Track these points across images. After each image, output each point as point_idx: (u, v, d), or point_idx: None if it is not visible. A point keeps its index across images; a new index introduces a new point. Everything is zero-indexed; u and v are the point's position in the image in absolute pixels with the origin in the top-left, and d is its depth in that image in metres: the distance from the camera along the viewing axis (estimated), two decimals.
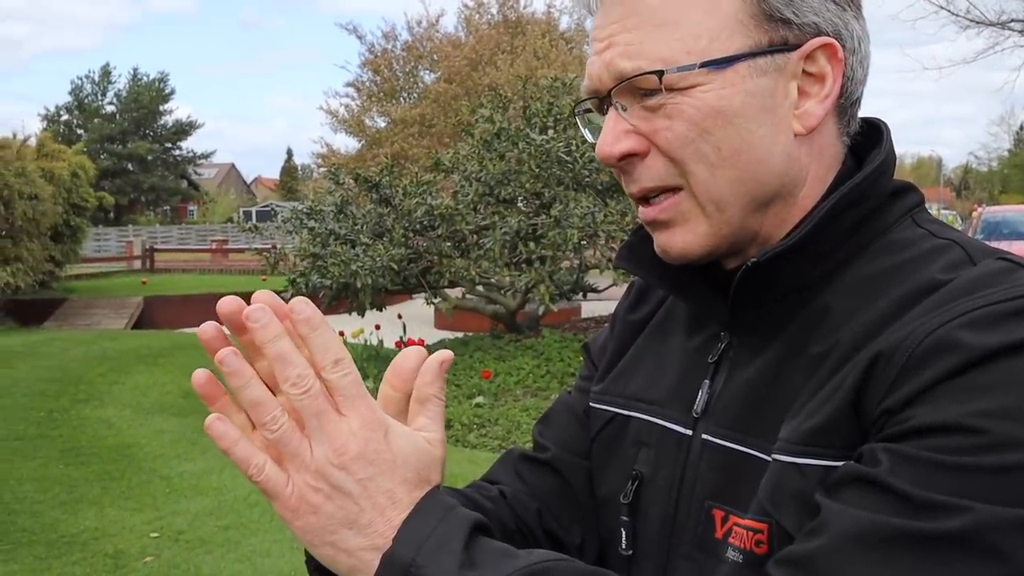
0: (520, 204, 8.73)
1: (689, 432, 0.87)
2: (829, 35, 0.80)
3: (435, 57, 19.09)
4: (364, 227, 8.72)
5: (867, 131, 0.88)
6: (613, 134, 0.80)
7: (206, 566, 4.67)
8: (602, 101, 0.83)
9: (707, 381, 0.87)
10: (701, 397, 0.87)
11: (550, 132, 8.01)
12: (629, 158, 0.80)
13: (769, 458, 0.78)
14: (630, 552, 0.91)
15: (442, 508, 0.69)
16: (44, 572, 4.61)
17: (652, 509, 0.90)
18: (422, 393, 0.74)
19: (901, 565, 0.64)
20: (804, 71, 0.80)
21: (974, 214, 13.39)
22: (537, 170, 7.93)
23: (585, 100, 0.87)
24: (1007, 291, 0.71)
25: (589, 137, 0.90)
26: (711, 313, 0.89)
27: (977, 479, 0.64)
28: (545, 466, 1.02)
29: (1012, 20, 14.41)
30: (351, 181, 9.29)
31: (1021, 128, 64.40)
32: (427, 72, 20.07)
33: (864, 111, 0.88)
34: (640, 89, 0.79)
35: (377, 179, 8.76)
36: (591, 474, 1.00)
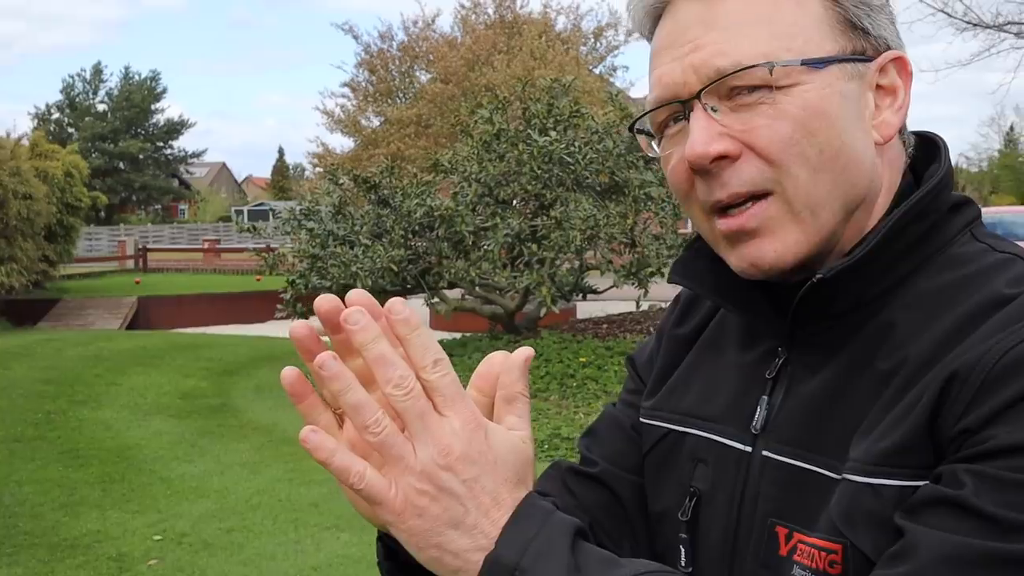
0: (518, 205, 8.73)
1: (748, 449, 0.86)
2: (899, 49, 0.82)
3: (431, 57, 19.06)
4: (363, 228, 8.70)
5: (920, 145, 0.88)
6: (707, 134, 0.78)
7: (211, 569, 4.66)
8: (684, 106, 0.80)
9: (765, 397, 0.86)
10: (760, 413, 0.86)
11: (552, 133, 8.00)
12: (719, 161, 0.78)
13: (833, 475, 0.77)
14: (690, 570, 0.90)
15: (543, 512, 0.70)
16: None
17: (712, 526, 0.89)
18: (509, 392, 0.74)
19: None
20: (877, 84, 0.81)
21: None
22: (539, 171, 7.92)
23: (655, 110, 0.84)
24: None
25: (655, 151, 0.87)
26: (769, 328, 0.88)
27: None
28: (594, 480, 1.01)
29: (1008, 22, 14.49)
30: (349, 181, 9.27)
31: (1011, 129, 64.75)
32: (423, 72, 20.05)
33: None
34: (735, 88, 0.77)
35: (377, 180, 8.74)
36: (642, 489, 0.99)
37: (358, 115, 19.84)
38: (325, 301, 0.69)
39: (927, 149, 0.87)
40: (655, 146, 0.88)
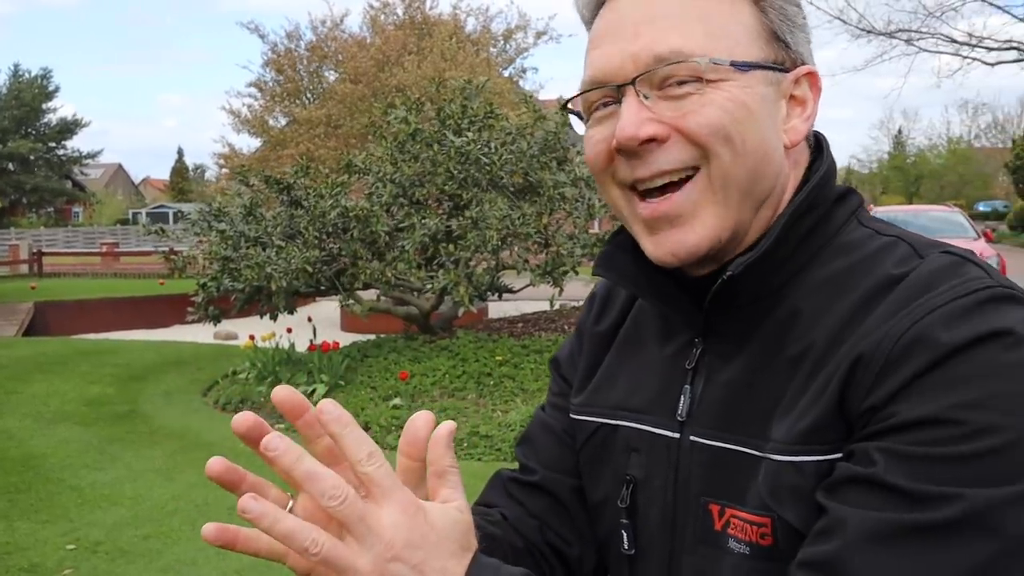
0: (434, 206, 8.75)
1: (677, 435, 0.94)
2: (812, 65, 0.91)
3: (340, 57, 18.87)
4: (275, 229, 8.60)
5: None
6: (639, 118, 0.84)
7: None
8: (618, 91, 0.87)
9: (687, 386, 0.94)
10: (683, 402, 0.94)
11: (468, 134, 8.05)
12: (648, 144, 0.85)
13: (757, 453, 0.85)
14: (632, 551, 0.98)
15: (492, 568, 0.76)
16: None
17: (651, 510, 0.96)
18: (438, 467, 0.79)
19: (909, 556, 0.72)
20: (791, 94, 0.90)
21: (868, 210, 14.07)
22: (454, 171, 7.96)
23: (589, 91, 0.90)
24: (965, 285, 0.78)
25: (580, 129, 0.95)
26: (685, 321, 0.96)
27: (963, 466, 0.72)
28: (535, 487, 1.09)
29: (899, 30, 15.21)
30: (260, 183, 9.14)
31: (899, 132, 67.61)
32: (332, 72, 19.82)
33: None
34: (667, 78, 0.85)
35: (289, 181, 8.64)
36: (580, 489, 1.07)
37: (265, 115, 19.50)
38: (242, 421, 0.73)
39: (815, 148, 0.96)
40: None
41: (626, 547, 0.99)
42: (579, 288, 12.13)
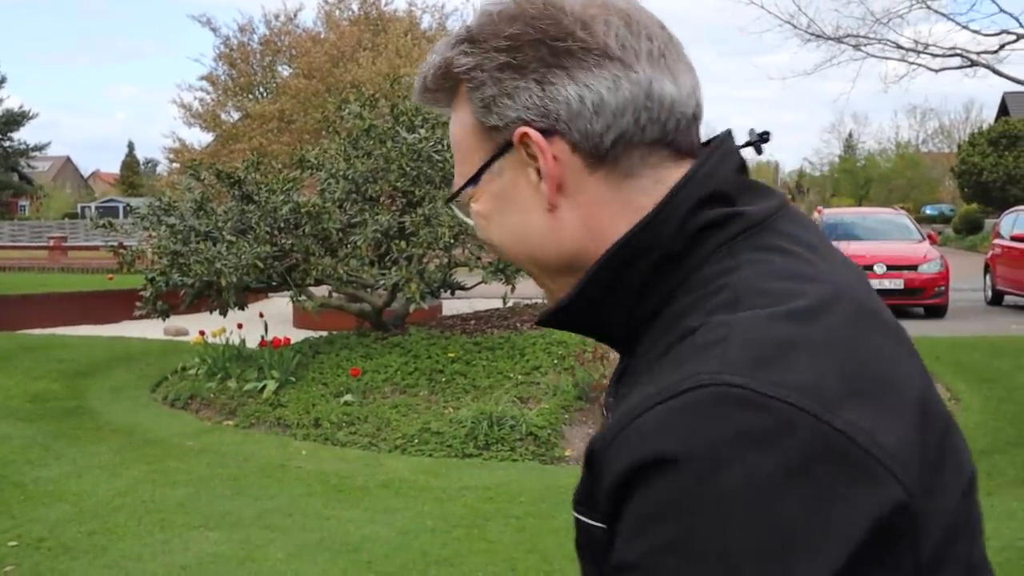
0: (386, 203, 8.75)
1: None
2: (528, 122, 0.82)
3: (294, 52, 18.75)
4: (226, 224, 8.53)
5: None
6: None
7: (73, 572, 4.52)
8: None
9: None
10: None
11: (421, 131, 8.06)
12: None
13: None
14: None
15: None
16: None
17: None
18: None
19: None
20: (531, 156, 0.83)
21: (816, 216, 14.35)
22: (407, 168, 7.97)
23: None
24: (687, 377, 0.68)
25: None
26: None
27: None
28: None
29: (847, 35, 15.55)
30: (212, 177, 9.05)
31: (850, 136, 68.82)
32: (285, 67, 19.69)
33: (708, 115, 0.92)
34: None
35: (241, 175, 8.58)
36: None
37: (217, 109, 19.30)
38: None
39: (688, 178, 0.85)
40: None
41: None
42: (533, 287, 12.20)
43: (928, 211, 51.40)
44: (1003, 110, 44.39)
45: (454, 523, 5.15)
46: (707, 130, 0.92)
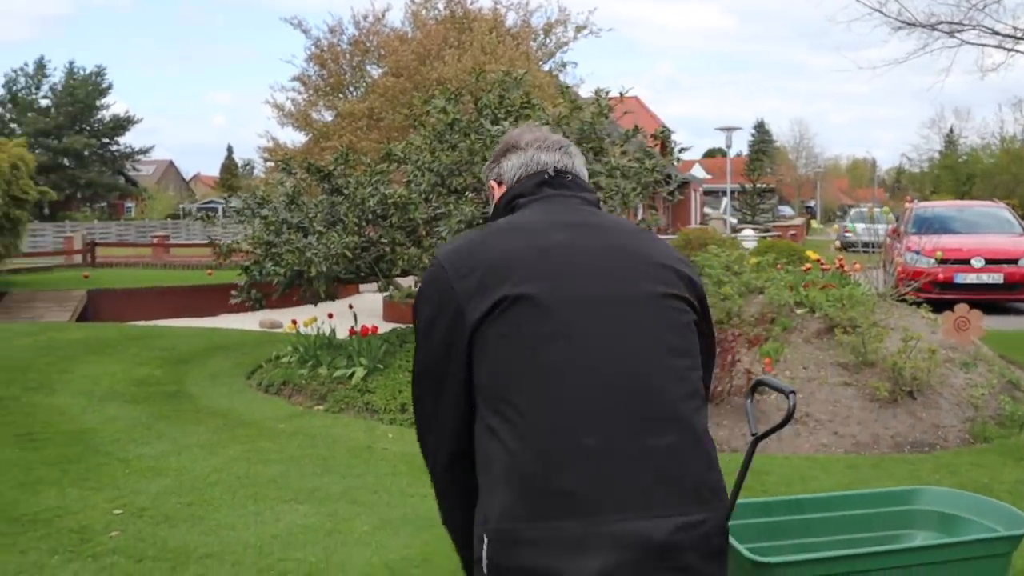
0: (470, 195, 8.89)
1: None
2: (493, 180, 2.32)
3: (382, 52, 19.12)
4: (317, 216, 8.81)
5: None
6: None
7: (172, 539, 4.77)
8: None
9: None
10: None
11: (505, 123, 8.19)
12: None
13: None
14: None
15: None
16: (9, 548, 4.65)
17: None
18: None
19: None
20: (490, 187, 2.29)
21: (907, 206, 13.98)
22: None
23: None
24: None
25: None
26: None
27: None
28: None
29: (940, 22, 15.07)
30: (303, 171, 9.36)
31: (951, 131, 66.45)
32: (374, 66, 20.09)
33: (804, 112, 0.98)
34: None
35: (330, 169, 8.84)
36: None
37: (309, 109, 19.82)
38: None
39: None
40: None
41: None
42: None
43: None
44: None
45: None
46: (799, 127, 1.02)
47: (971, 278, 13.18)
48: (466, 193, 8.63)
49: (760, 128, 77.21)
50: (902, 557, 3.02)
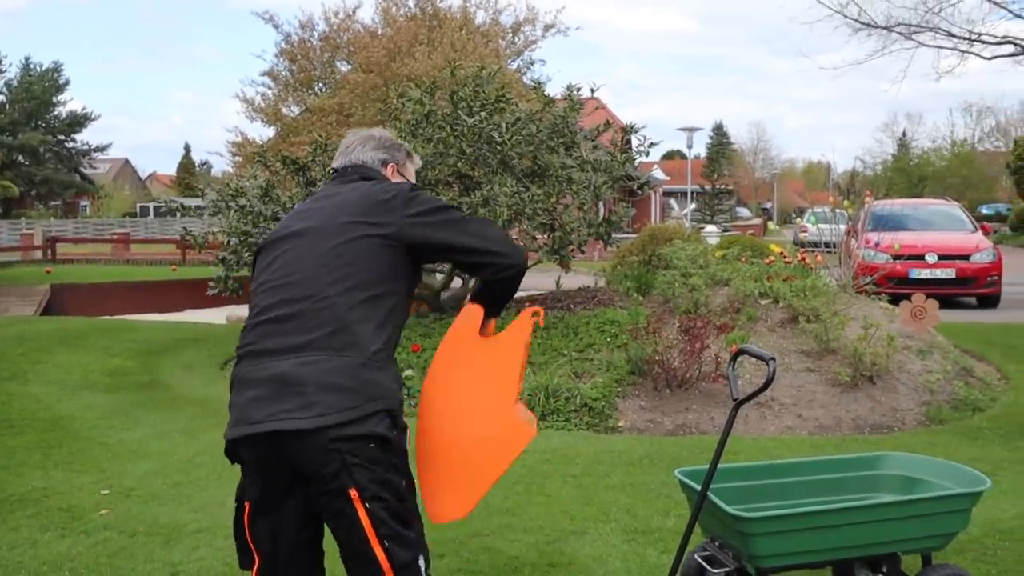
0: (445, 189, 9.05)
1: None
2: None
3: (352, 48, 19.22)
4: (292, 208, 8.90)
5: None
6: None
7: (163, 516, 4.87)
8: None
9: None
10: None
11: (480, 115, 8.35)
12: None
13: None
14: None
15: None
16: None
17: None
18: None
19: None
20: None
21: (866, 200, 14.36)
22: (467, 150, 8.26)
23: None
24: None
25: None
26: None
27: None
28: None
29: (898, 24, 15.54)
30: (278, 164, 9.44)
31: (904, 134, 67.85)
32: (344, 63, 20.17)
33: (762, 115, 1.20)
34: None
35: (307, 161, 8.95)
36: None
37: (279, 103, 19.85)
38: None
39: None
40: None
41: None
42: (580, 277, 12.43)
43: (984, 210, 50.48)
44: None
45: (514, 480, 5.41)
46: (756, 129, 1.22)
47: (925, 273, 13.62)
48: (441, 185, 8.79)
49: (718, 130, 78.19)
50: (871, 512, 3.26)
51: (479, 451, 2.65)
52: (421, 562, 2.42)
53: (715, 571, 3.39)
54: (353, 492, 2.30)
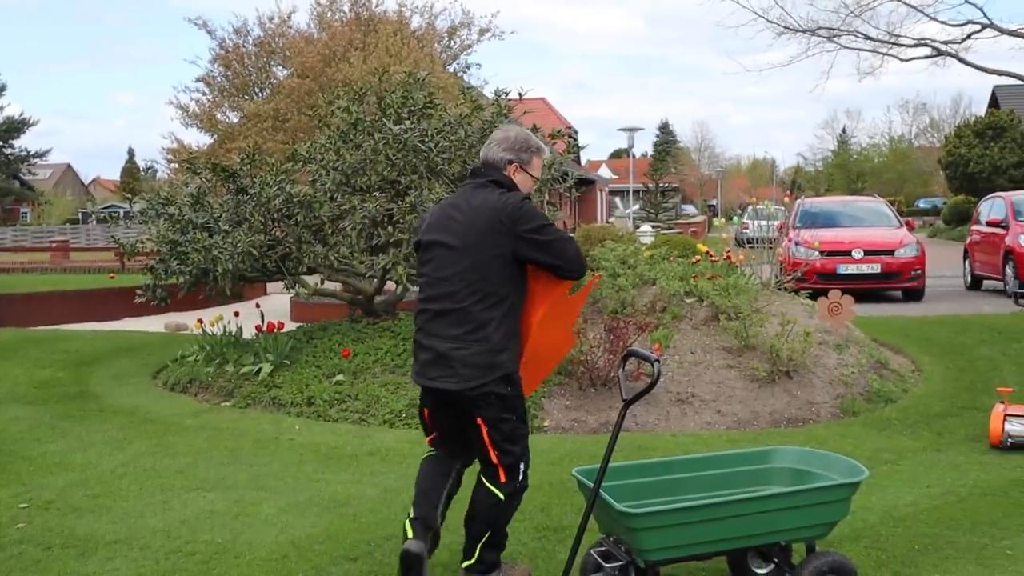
0: (375, 193, 9.11)
1: None
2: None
3: (287, 53, 19.15)
4: (222, 215, 8.90)
5: None
6: None
7: (80, 528, 4.88)
8: None
9: None
10: None
11: (407, 122, 8.43)
12: None
13: None
14: None
15: None
16: None
17: None
18: None
19: None
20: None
21: (788, 202, 14.76)
22: (394, 159, 8.33)
23: None
24: None
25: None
26: None
27: None
28: None
29: (820, 27, 15.92)
30: (208, 171, 9.43)
31: (843, 131, 69.20)
32: (279, 68, 20.09)
33: (707, 114, 1.33)
34: None
35: (236, 168, 8.95)
36: None
37: (214, 110, 19.70)
38: None
39: None
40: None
41: None
42: None
43: (921, 204, 51.74)
44: (993, 103, 44.69)
45: None
46: (700, 128, 1.34)
47: (852, 268, 14.00)
48: (371, 192, 8.85)
49: (664, 129, 79.08)
50: (749, 505, 3.42)
51: (549, 353, 4.01)
52: (521, 466, 3.75)
53: (610, 566, 3.53)
54: (479, 420, 3.65)
